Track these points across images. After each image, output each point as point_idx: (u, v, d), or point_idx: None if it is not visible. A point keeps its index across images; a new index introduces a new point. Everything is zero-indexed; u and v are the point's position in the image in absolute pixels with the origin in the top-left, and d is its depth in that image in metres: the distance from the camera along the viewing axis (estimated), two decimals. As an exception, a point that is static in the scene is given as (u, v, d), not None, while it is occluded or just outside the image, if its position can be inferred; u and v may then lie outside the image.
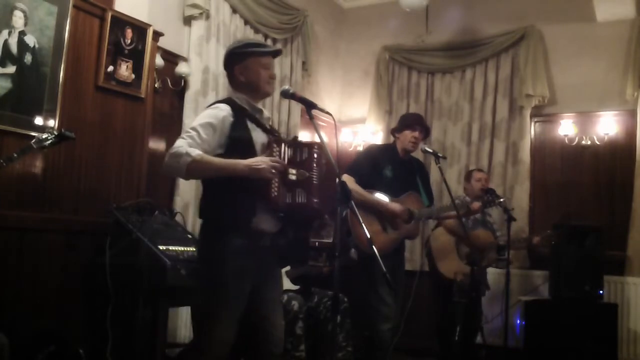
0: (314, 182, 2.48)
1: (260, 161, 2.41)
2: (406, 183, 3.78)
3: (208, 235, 2.55)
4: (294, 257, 3.83)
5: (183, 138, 2.43)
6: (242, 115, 2.54)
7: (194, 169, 2.37)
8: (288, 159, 2.51)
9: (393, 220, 3.65)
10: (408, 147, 3.80)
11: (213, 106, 2.58)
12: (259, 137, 2.55)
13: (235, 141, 2.49)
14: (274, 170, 2.40)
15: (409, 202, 3.75)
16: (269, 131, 2.63)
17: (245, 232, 2.46)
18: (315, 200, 2.47)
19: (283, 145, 2.52)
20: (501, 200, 4.16)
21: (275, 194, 2.42)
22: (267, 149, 2.49)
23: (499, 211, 4.72)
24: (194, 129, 2.45)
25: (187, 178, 2.64)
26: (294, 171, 2.47)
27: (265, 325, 2.57)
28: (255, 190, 2.42)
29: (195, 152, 2.37)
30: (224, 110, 2.52)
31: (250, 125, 2.55)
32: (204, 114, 2.54)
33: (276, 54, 2.73)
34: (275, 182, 2.42)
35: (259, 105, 2.69)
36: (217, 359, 2.45)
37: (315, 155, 2.50)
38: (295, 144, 2.57)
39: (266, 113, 2.71)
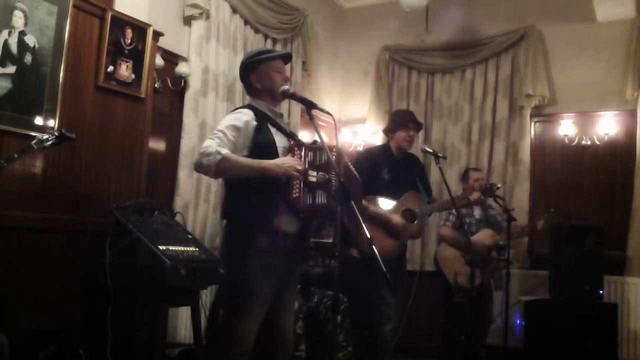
0: (334, 184, 2.55)
1: (286, 160, 2.52)
2: (405, 183, 3.78)
3: (233, 234, 2.63)
4: (304, 258, 3.87)
5: (211, 138, 2.52)
6: (264, 120, 2.64)
7: (223, 166, 2.45)
8: (309, 162, 2.59)
9: (393, 231, 3.63)
10: (403, 146, 3.78)
11: (236, 111, 2.68)
12: (280, 141, 2.64)
13: (259, 145, 2.58)
14: (300, 168, 2.49)
15: (410, 202, 3.74)
16: (290, 135, 2.72)
17: (268, 232, 2.54)
18: (333, 202, 2.52)
19: (304, 148, 2.61)
20: (499, 186, 4.17)
21: (297, 194, 2.51)
22: (289, 152, 2.59)
23: (500, 210, 4.73)
24: (220, 130, 2.54)
25: (216, 176, 2.71)
26: (314, 173, 2.56)
27: (278, 324, 2.64)
28: (277, 191, 2.51)
29: (225, 151, 2.46)
30: (247, 114, 2.61)
31: (272, 129, 2.65)
32: (228, 118, 2.65)
33: (287, 57, 2.84)
34: (296, 183, 2.51)
35: (279, 111, 2.79)
36: (241, 353, 2.51)
37: (335, 159, 2.56)
38: (314, 147, 2.64)
39: (286, 118, 2.83)
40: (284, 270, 2.62)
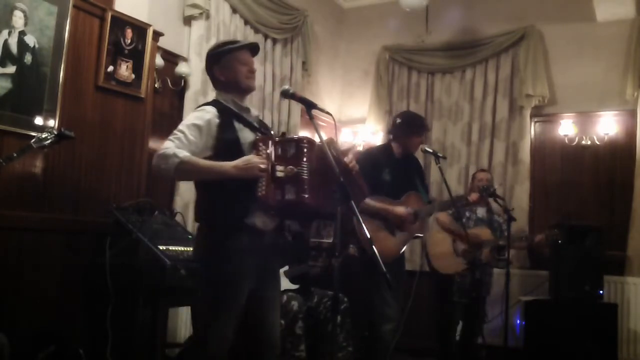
0: (304, 177, 2.43)
1: (246, 161, 2.41)
2: (405, 184, 3.78)
3: (205, 236, 2.55)
4: (294, 255, 3.84)
5: (170, 140, 2.43)
6: (229, 116, 2.54)
7: (182, 170, 2.38)
8: (276, 155, 2.48)
9: (400, 223, 3.64)
10: (413, 151, 3.84)
11: (199, 109, 2.59)
12: (247, 136, 2.54)
13: (223, 143, 2.49)
14: (262, 166, 2.39)
15: (410, 203, 3.75)
16: (257, 129, 2.61)
17: (242, 231, 2.47)
18: (306, 196, 2.43)
19: (270, 142, 2.49)
20: (495, 187, 4.18)
21: (263, 192, 2.40)
22: (254, 148, 2.48)
23: (500, 209, 4.73)
24: (180, 130, 2.45)
25: (177, 180, 2.64)
26: (281, 167, 2.44)
27: (264, 324, 2.57)
28: (247, 189, 2.41)
29: (183, 154, 2.37)
30: (210, 112, 2.52)
31: (237, 125, 2.55)
32: (190, 117, 2.55)
33: (253, 48, 2.72)
34: (262, 180, 2.40)
35: (246, 104, 2.68)
36: (217, 355, 2.45)
37: (305, 150, 2.46)
38: (282, 140, 2.53)
39: (254, 111, 2.69)
40: (261, 270, 2.54)
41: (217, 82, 2.66)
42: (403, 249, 3.73)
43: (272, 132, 2.67)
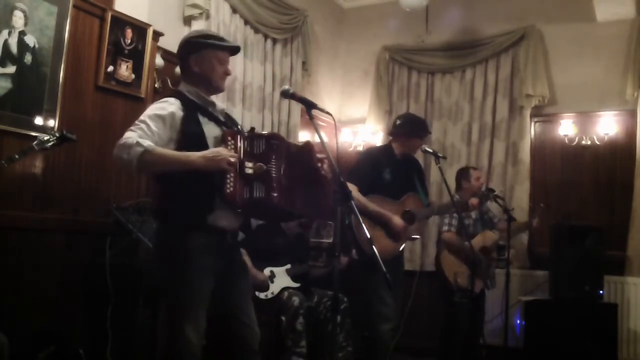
0: (273, 175, 2.36)
1: (215, 152, 2.30)
2: (405, 184, 3.80)
3: (165, 235, 2.44)
4: (294, 256, 3.82)
5: (132, 130, 2.30)
6: (193, 109, 2.43)
7: (145, 160, 2.24)
8: (245, 151, 2.38)
9: (394, 234, 3.64)
10: (413, 153, 3.85)
11: (162, 100, 2.47)
12: (211, 130, 2.44)
13: (187, 136, 2.37)
14: (232, 160, 2.29)
15: (409, 204, 3.76)
16: (224, 124, 2.51)
17: (204, 231, 2.36)
18: (275, 195, 2.35)
19: (239, 137, 2.39)
20: (496, 193, 4.19)
21: (230, 189, 2.29)
22: (222, 142, 2.37)
23: (500, 210, 4.73)
24: (142, 121, 2.33)
25: (139, 172, 2.51)
26: (250, 164, 2.34)
27: (238, 320, 2.48)
28: (211, 185, 2.31)
29: (147, 143, 2.25)
30: (174, 104, 2.41)
31: (202, 119, 2.44)
32: (152, 107, 2.43)
33: (235, 51, 2.63)
34: (230, 176, 2.29)
35: (212, 98, 2.56)
36: (189, 358, 2.34)
37: (275, 147, 2.40)
38: (252, 136, 2.45)
39: (220, 105, 2.58)
40: (226, 268, 2.44)
41: (188, 72, 2.53)
42: (401, 248, 3.73)
43: (239, 127, 2.58)
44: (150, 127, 2.31)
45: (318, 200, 2.42)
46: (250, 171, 2.34)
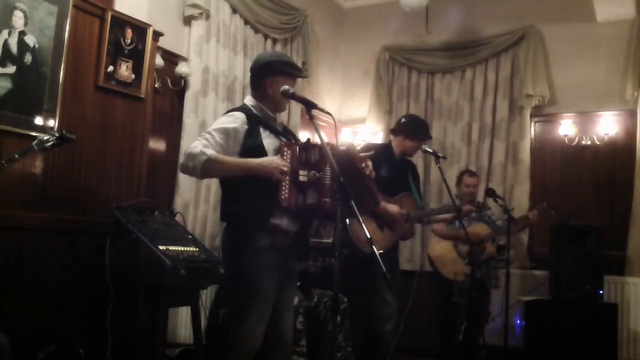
0: (326, 182, 2.52)
1: (271, 161, 2.50)
2: (400, 183, 3.81)
3: (233, 236, 2.63)
4: (303, 256, 3.84)
5: (199, 140, 2.53)
6: (256, 123, 2.63)
7: (208, 167, 2.47)
8: (299, 160, 2.57)
9: (390, 221, 3.65)
10: (409, 154, 3.86)
11: (229, 114, 2.68)
12: (271, 142, 2.63)
13: (249, 149, 2.57)
14: (284, 169, 2.47)
15: (404, 203, 3.77)
16: (283, 135, 2.70)
17: (267, 231, 2.54)
18: (326, 200, 2.50)
19: (294, 147, 2.58)
20: (490, 207, 4.22)
21: (285, 196, 2.49)
22: (278, 153, 2.57)
23: (499, 210, 4.73)
24: (209, 132, 2.56)
25: (202, 177, 2.76)
26: (304, 172, 2.53)
27: (279, 324, 2.63)
28: (270, 192, 2.50)
29: (210, 151, 2.47)
30: (239, 119, 2.61)
31: (264, 132, 2.63)
32: (220, 121, 2.66)
33: (304, 77, 2.87)
34: (285, 184, 2.49)
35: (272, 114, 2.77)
36: (246, 354, 2.51)
37: (327, 156, 2.52)
38: (306, 146, 2.61)
39: (279, 118, 2.80)
40: (284, 269, 2.63)
41: (260, 90, 2.73)
42: (389, 247, 3.73)
43: (296, 139, 2.78)
44: (215, 139, 2.54)
45: (364, 200, 2.60)
46: (304, 179, 2.53)
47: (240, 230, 2.58)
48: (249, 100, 2.76)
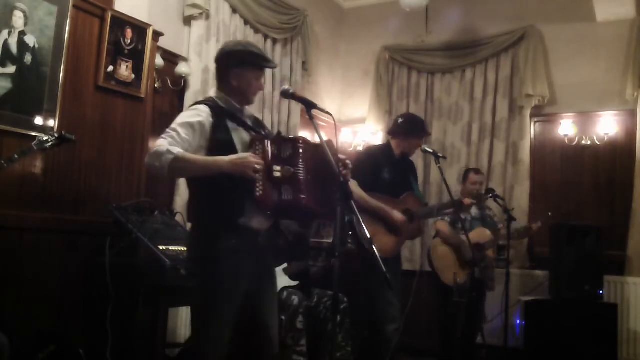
0: (300, 177, 2.40)
1: (242, 157, 2.37)
2: (403, 184, 3.81)
3: (200, 237, 2.52)
4: (293, 255, 3.82)
5: (163, 138, 2.41)
6: (222, 116, 2.51)
7: (175, 167, 2.35)
8: (273, 155, 2.44)
9: (394, 229, 3.65)
10: (410, 152, 3.85)
11: (192, 108, 2.55)
12: (240, 136, 2.51)
13: (216, 143, 2.45)
14: (257, 167, 2.34)
15: (409, 203, 3.77)
16: (252, 129, 2.57)
17: (236, 232, 2.43)
18: (303, 197, 2.40)
19: (266, 142, 2.45)
20: (490, 195, 4.20)
21: (260, 193, 2.36)
22: (250, 148, 2.44)
23: (500, 209, 4.73)
24: (173, 129, 2.43)
25: (170, 177, 2.62)
26: (278, 168, 2.40)
27: (261, 325, 2.55)
28: (242, 188, 2.38)
29: (177, 150, 2.35)
30: (204, 112, 2.48)
31: (231, 125, 2.51)
32: (183, 115, 2.54)
33: (273, 68, 2.71)
34: (259, 181, 2.36)
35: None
36: (214, 357, 2.43)
37: (301, 151, 2.44)
38: (279, 140, 2.49)
39: (248, 110, 2.65)
40: (257, 270, 2.51)
41: (225, 83, 2.59)
42: (399, 249, 3.74)
43: (267, 131, 2.65)
44: (180, 135, 2.41)
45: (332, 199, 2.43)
46: (278, 175, 2.40)
47: (207, 230, 2.46)
48: (214, 93, 2.63)
